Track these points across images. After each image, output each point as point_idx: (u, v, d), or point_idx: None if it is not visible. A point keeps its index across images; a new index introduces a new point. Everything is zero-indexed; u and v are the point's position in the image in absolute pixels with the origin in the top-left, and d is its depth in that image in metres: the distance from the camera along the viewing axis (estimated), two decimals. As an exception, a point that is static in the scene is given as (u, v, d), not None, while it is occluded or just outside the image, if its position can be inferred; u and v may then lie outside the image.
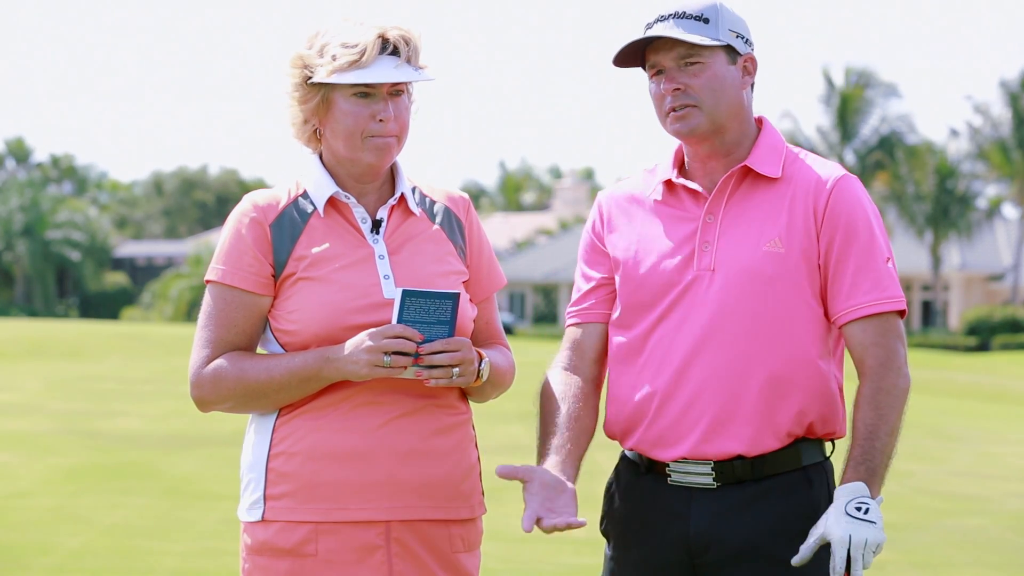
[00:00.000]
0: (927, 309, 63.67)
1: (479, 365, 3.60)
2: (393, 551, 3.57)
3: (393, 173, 3.75)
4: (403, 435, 3.59)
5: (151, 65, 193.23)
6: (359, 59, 3.56)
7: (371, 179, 3.69)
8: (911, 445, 17.39)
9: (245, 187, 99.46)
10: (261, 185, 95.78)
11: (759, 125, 3.80)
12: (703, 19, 3.65)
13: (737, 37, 3.69)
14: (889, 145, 61.49)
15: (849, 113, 61.95)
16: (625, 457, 3.83)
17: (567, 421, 3.72)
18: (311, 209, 3.68)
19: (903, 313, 3.70)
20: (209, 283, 3.66)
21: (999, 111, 60.34)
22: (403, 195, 3.72)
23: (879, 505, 3.53)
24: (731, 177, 3.73)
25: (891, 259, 3.72)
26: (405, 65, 3.60)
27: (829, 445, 3.78)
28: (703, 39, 3.63)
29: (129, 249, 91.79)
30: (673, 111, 3.68)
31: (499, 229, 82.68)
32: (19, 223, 78.89)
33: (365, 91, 3.59)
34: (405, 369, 3.51)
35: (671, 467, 3.71)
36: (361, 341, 3.50)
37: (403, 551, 3.58)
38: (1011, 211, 64.88)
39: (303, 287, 3.61)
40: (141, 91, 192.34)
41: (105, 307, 78.67)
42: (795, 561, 3.55)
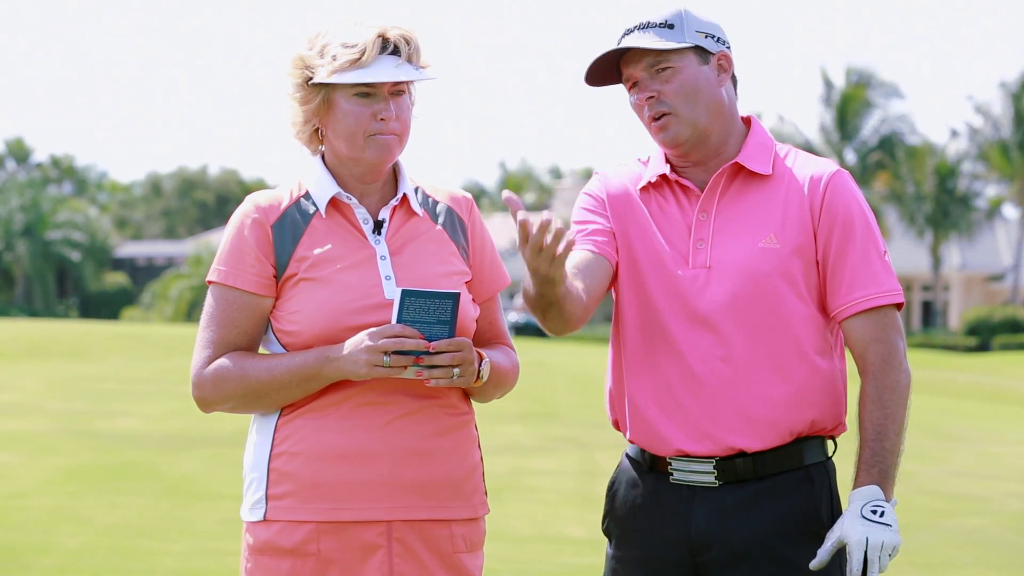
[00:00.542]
0: (927, 309, 63.66)
1: (479, 365, 3.60)
2: (394, 551, 3.57)
3: (395, 173, 3.75)
4: (404, 435, 3.59)
5: (151, 65, 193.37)
6: (360, 59, 3.56)
7: (373, 179, 3.69)
8: (911, 445, 17.35)
9: (245, 187, 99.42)
10: (261, 185, 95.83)
11: (747, 124, 3.82)
12: (668, 25, 3.69)
13: (707, 37, 3.72)
14: (889, 145, 61.44)
15: (849, 113, 61.91)
16: (627, 456, 3.84)
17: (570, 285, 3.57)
18: (313, 210, 3.68)
19: (900, 306, 3.72)
20: (211, 284, 3.67)
21: (999, 111, 60.33)
22: (405, 195, 3.72)
23: (894, 507, 3.55)
24: (722, 174, 3.75)
25: (887, 252, 3.74)
26: (406, 64, 3.60)
27: (831, 444, 3.79)
28: (667, 43, 3.66)
29: (129, 249, 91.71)
30: (654, 120, 3.71)
31: (499, 229, 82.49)
32: (19, 223, 78.84)
33: (366, 91, 3.59)
34: (405, 369, 3.51)
35: (673, 465, 3.72)
36: (361, 341, 3.51)
37: (404, 551, 3.58)
38: (1011, 211, 64.86)
39: (304, 288, 3.61)
40: (141, 91, 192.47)
41: (105, 307, 78.59)
42: (813, 565, 3.58)
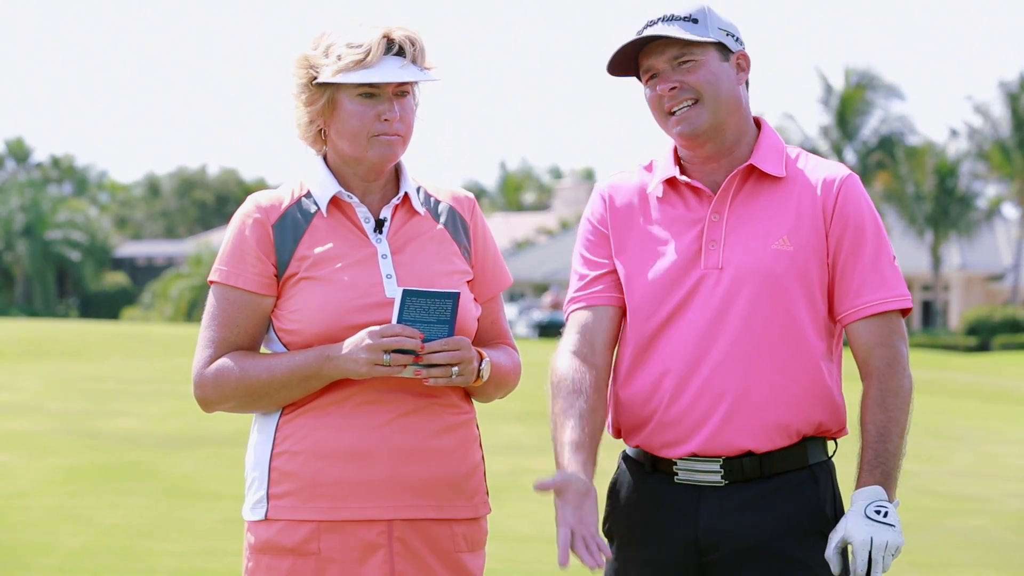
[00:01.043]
0: (927, 309, 63.64)
1: (480, 365, 3.60)
2: (395, 550, 3.58)
3: (397, 173, 3.75)
4: (405, 434, 3.59)
5: (151, 65, 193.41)
6: (364, 59, 3.56)
7: (375, 178, 3.69)
8: (911, 445, 17.26)
9: (244, 187, 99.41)
10: (261, 185, 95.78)
11: (757, 125, 3.81)
12: (692, 20, 3.68)
13: (728, 35, 3.72)
14: (889, 145, 61.44)
15: (849, 113, 61.91)
16: (628, 456, 3.83)
17: (585, 414, 3.64)
18: (314, 209, 3.68)
19: (907, 311, 3.72)
20: (212, 284, 3.67)
21: (999, 111, 60.31)
22: (407, 195, 3.72)
23: (896, 508, 3.55)
24: (736, 176, 3.74)
25: (895, 257, 3.74)
26: (411, 65, 3.60)
27: (832, 444, 3.79)
28: (693, 36, 3.66)
29: (129, 249, 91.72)
30: (672, 113, 3.69)
31: (499, 229, 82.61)
32: (19, 223, 78.83)
33: (370, 91, 3.60)
34: (405, 368, 3.51)
35: (678, 465, 3.71)
36: (361, 339, 3.51)
37: (405, 550, 3.58)
38: (1011, 211, 64.79)
39: (305, 287, 3.61)
40: (141, 91, 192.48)
41: (105, 307, 78.59)
42: (833, 570, 3.57)
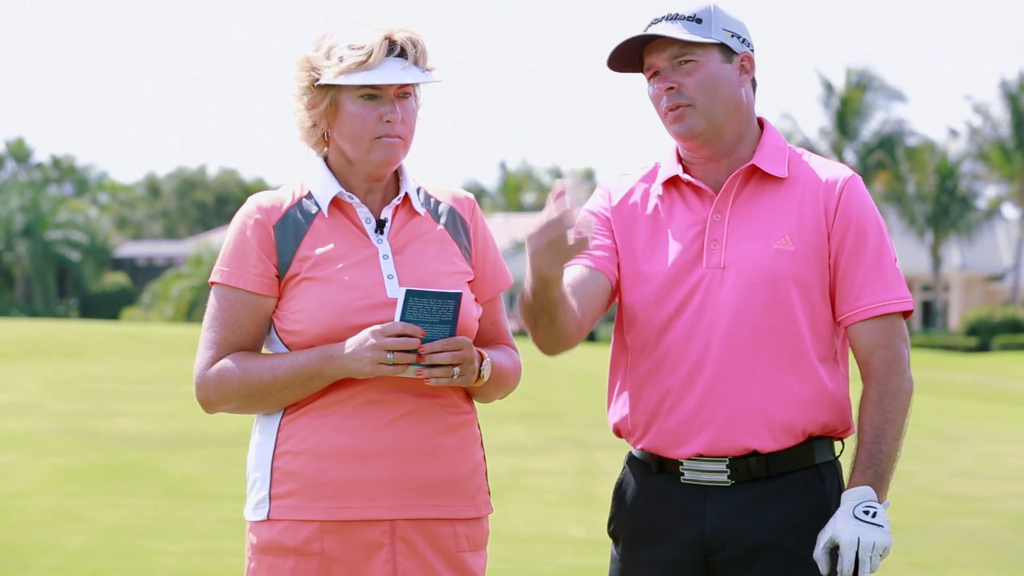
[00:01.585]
0: (927, 309, 63.65)
1: (480, 365, 3.60)
2: (398, 549, 3.58)
3: (397, 174, 3.75)
4: (407, 434, 3.59)
5: (151, 65, 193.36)
6: (366, 60, 3.56)
7: (377, 180, 3.69)
8: (912, 445, 17.37)
9: (244, 187, 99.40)
10: (261, 185, 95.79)
11: (760, 126, 3.81)
12: (696, 19, 3.69)
13: (732, 36, 3.72)
14: (889, 145, 61.47)
15: (849, 113, 61.95)
16: (634, 458, 3.82)
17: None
18: (315, 210, 3.68)
19: (908, 313, 3.72)
20: (213, 285, 3.67)
21: (999, 111, 60.35)
22: (407, 195, 3.72)
23: (886, 509, 3.55)
24: (738, 176, 3.74)
25: (897, 260, 3.74)
26: (412, 67, 3.60)
27: (839, 444, 3.79)
28: (694, 37, 3.66)
29: (129, 249, 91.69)
30: (670, 111, 3.70)
31: (500, 229, 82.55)
32: (19, 223, 78.81)
33: (372, 93, 3.59)
34: (407, 367, 3.51)
35: (684, 465, 3.71)
36: (364, 339, 3.51)
37: (408, 550, 3.58)
38: (1011, 211, 64.85)
39: (307, 287, 3.61)
40: (141, 91, 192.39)
41: (105, 307, 78.57)
42: (822, 570, 3.57)
